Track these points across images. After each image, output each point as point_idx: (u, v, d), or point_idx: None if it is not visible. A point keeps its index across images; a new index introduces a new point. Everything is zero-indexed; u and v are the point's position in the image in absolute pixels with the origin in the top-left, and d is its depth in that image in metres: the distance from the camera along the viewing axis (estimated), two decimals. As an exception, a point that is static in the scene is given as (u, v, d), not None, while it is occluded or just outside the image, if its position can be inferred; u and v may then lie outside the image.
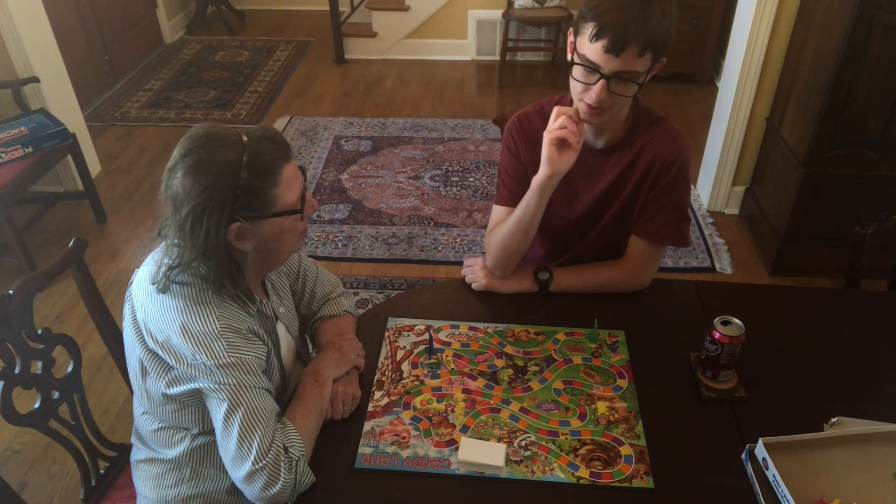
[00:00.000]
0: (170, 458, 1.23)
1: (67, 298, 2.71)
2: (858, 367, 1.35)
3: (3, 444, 2.15)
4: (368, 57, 4.86)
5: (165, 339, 1.10)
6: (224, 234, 1.07)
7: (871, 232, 1.65)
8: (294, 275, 1.42)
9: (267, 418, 1.10)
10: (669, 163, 1.42)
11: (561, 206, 1.53)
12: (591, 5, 1.25)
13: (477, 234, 3.07)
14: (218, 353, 1.08)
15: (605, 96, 1.28)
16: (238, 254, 1.12)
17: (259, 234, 1.11)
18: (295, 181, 1.13)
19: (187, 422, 1.19)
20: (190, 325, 1.09)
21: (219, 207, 1.04)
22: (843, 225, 2.39)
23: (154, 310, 1.12)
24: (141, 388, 1.20)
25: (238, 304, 1.16)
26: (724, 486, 1.13)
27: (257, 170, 1.06)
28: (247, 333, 1.14)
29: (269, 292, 1.31)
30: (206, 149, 1.04)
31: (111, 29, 4.43)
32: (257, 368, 1.13)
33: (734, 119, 2.93)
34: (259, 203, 1.08)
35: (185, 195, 1.04)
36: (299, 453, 1.12)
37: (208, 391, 1.10)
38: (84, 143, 3.30)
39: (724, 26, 3.97)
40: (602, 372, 1.33)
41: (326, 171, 3.56)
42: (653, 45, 1.24)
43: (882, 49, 2.24)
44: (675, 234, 1.47)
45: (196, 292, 1.11)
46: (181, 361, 1.09)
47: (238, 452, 1.08)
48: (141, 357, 1.15)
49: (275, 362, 1.24)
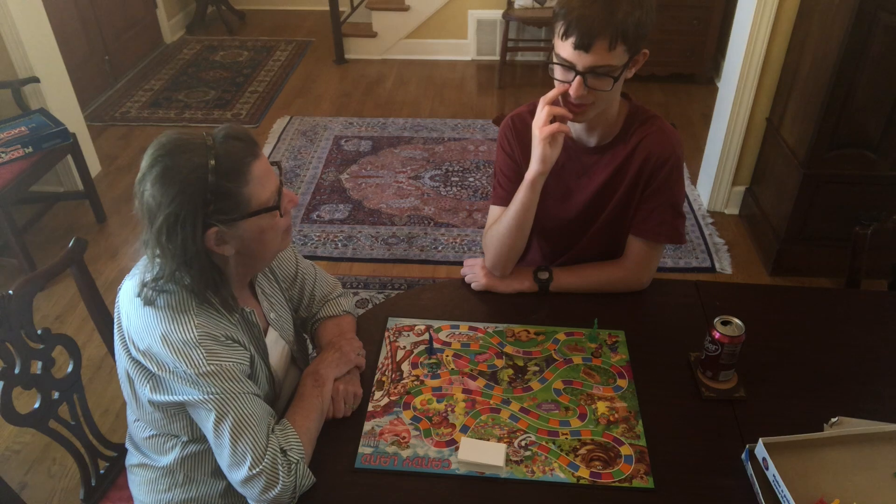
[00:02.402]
0: (162, 466, 1.23)
1: (67, 298, 2.71)
2: (858, 367, 1.35)
3: (3, 444, 2.16)
4: (368, 57, 4.86)
5: (147, 348, 1.09)
6: (202, 241, 1.05)
7: (871, 232, 1.65)
8: (290, 279, 1.40)
9: (258, 423, 1.09)
10: (663, 160, 1.42)
11: (556, 206, 1.53)
12: (561, 3, 1.27)
13: (477, 234, 3.07)
14: (197, 362, 1.07)
15: (583, 93, 1.29)
16: (220, 259, 1.11)
17: (239, 236, 1.09)
18: (267, 177, 1.10)
19: (177, 429, 1.19)
20: (169, 334, 1.07)
21: (192, 215, 1.02)
22: (843, 225, 2.39)
23: (137, 319, 1.11)
24: (130, 397, 1.20)
25: (219, 311, 1.14)
26: (724, 486, 1.13)
27: (225, 171, 1.03)
28: (225, 340, 1.12)
29: (260, 298, 1.29)
30: (170, 157, 1.03)
31: (111, 29, 4.43)
32: (240, 374, 1.12)
33: (734, 119, 2.93)
34: (232, 205, 1.05)
35: (157, 206, 1.02)
36: (298, 456, 1.11)
37: (194, 404, 1.09)
38: (84, 143, 3.30)
39: (724, 26, 3.97)
40: (602, 372, 1.33)
41: (326, 171, 3.56)
42: (623, 37, 1.24)
43: (882, 49, 2.24)
44: (671, 231, 1.48)
45: (177, 300, 1.10)
46: (163, 369, 1.08)
47: (233, 459, 1.08)
48: (126, 366, 1.15)
49: (261, 368, 1.22)
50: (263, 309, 1.29)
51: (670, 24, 4.12)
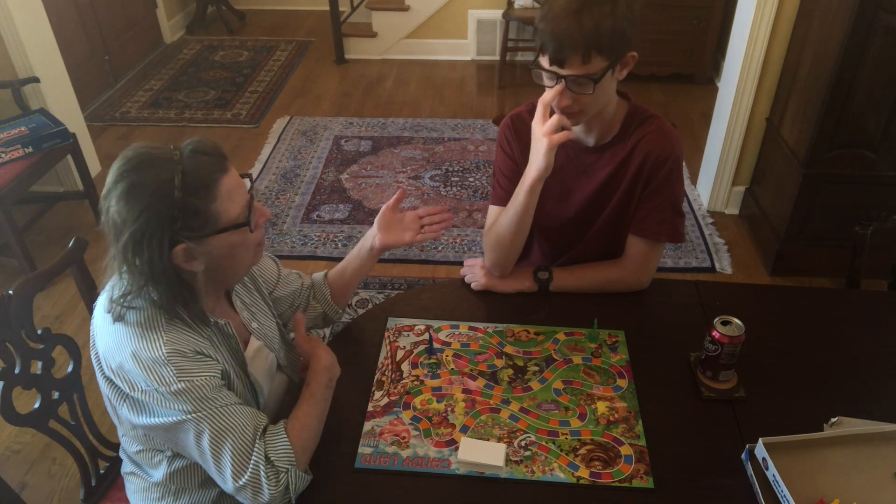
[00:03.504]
0: (154, 480, 1.22)
1: (67, 298, 2.71)
2: (858, 367, 1.35)
3: (3, 444, 2.15)
4: (368, 57, 4.86)
5: (118, 367, 1.06)
6: (169, 258, 1.03)
7: (871, 232, 1.65)
8: (272, 284, 1.38)
9: (237, 434, 1.07)
10: (662, 160, 1.43)
11: (555, 205, 1.54)
12: (539, 16, 1.28)
13: (477, 234, 3.07)
14: (168, 380, 1.04)
15: (568, 102, 1.31)
16: (189, 275, 1.08)
17: (208, 252, 1.05)
18: (237, 192, 1.06)
19: (160, 444, 1.17)
20: (139, 352, 1.05)
21: (158, 232, 1.00)
22: (843, 225, 2.39)
23: (108, 337, 1.09)
24: (113, 415, 1.19)
25: (190, 326, 1.11)
26: (724, 486, 1.13)
27: (192, 187, 1.00)
28: (195, 355, 1.09)
29: (239, 309, 1.26)
30: (136, 172, 1.01)
31: (111, 29, 4.43)
32: (213, 388, 1.08)
33: (734, 119, 2.93)
34: (200, 221, 1.02)
35: (122, 223, 1.00)
36: (288, 464, 1.09)
37: (170, 427, 1.06)
38: (84, 143, 3.29)
39: (724, 26, 3.96)
40: (602, 372, 1.33)
41: (326, 171, 3.56)
42: (597, 48, 1.24)
43: (882, 49, 2.24)
44: (670, 231, 1.48)
45: (146, 317, 1.07)
46: (135, 388, 1.06)
47: (217, 473, 1.07)
48: (102, 386, 1.13)
49: (237, 379, 1.18)
50: (243, 319, 1.26)
51: (670, 24, 4.12)
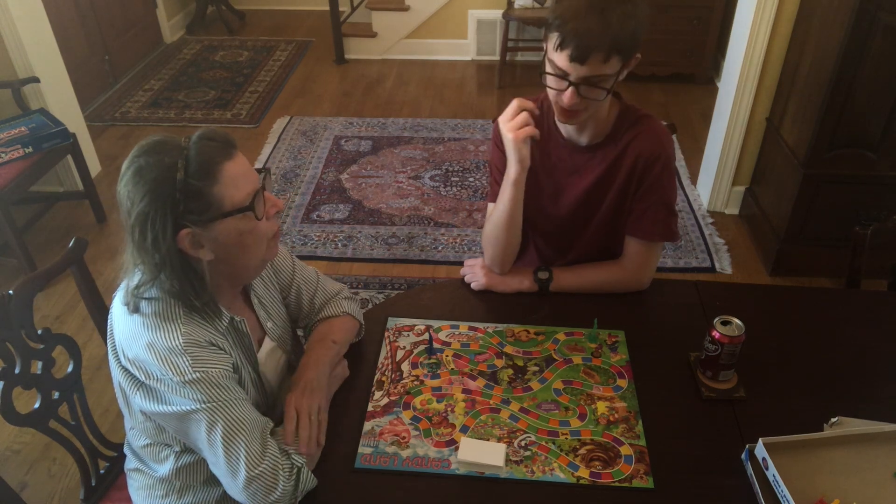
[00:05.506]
0: (159, 475, 1.22)
1: (67, 298, 2.71)
2: (858, 367, 1.35)
3: (3, 444, 2.16)
4: (368, 57, 4.86)
5: (135, 356, 1.08)
6: (175, 242, 1.04)
7: (871, 232, 1.65)
8: (286, 287, 1.37)
9: (250, 426, 1.08)
10: (653, 160, 1.43)
11: (549, 203, 1.55)
12: (555, 13, 1.27)
13: (477, 234, 3.07)
14: (183, 370, 1.05)
15: (576, 101, 1.31)
16: (197, 263, 1.09)
17: (214, 238, 1.07)
18: (242, 179, 1.07)
19: (170, 439, 1.18)
20: (156, 342, 1.06)
21: (161, 213, 1.02)
22: (843, 225, 2.39)
23: (125, 327, 1.10)
24: (124, 406, 1.20)
25: (206, 319, 1.12)
26: (724, 486, 1.13)
27: (194, 170, 1.02)
28: (210, 346, 1.10)
29: (256, 307, 1.27)
30: (144, 157, 1.04)
31: (111, 29, 4.43)
32: (228, 380, 1.10)
33: (734, 119, 2.93)
34: (203, 205, 1.04)
35: (130, 205, 1.03)
36: (301, 460, 1.11)
37: (184, 416, 1.07)
38: (84, 143, 3.30)
39: (724, 26, 3.96)
40: (602, 372, 1.33)
41: (326, 171, 3.56)
42: (618, 48, 1.25)
43: (882, 49, 2.24)
44: (664, 230, 1.49)
45: (163, 308, 1.09)
46: (150, 378, 1.07)
47: (228, 466, 1.06)
48: (117, 376, 1.14)
49: (247, 377, 1.20)
50: (260, 318, 1.27)
51: (670, 24, 4.12)
